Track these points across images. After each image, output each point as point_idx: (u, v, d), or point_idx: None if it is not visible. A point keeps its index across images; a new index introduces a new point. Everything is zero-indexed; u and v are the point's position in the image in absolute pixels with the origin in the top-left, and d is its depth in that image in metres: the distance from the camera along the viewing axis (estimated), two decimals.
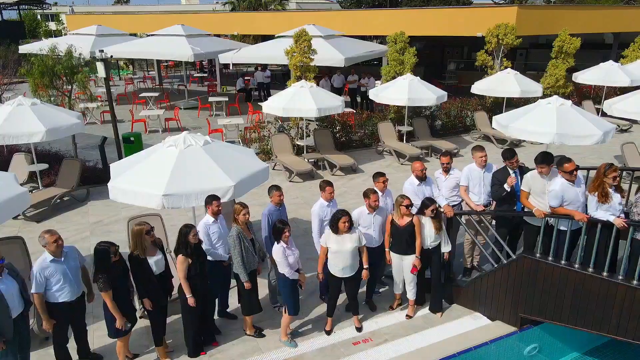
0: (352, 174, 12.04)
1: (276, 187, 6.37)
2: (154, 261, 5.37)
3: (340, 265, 5.70)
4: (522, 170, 6.30)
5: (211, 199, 5.69)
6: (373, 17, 20.44)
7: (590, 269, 5.38)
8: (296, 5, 54.77)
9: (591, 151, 13.53)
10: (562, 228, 5.60)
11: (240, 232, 5.61)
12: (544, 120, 8.76)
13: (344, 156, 12.32)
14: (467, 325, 6.25)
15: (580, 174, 5.86)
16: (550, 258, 5.66)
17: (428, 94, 12.71)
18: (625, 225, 5.08)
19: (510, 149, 6.39)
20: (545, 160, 5.69)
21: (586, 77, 16.19)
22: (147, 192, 5.81)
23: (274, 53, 16.04)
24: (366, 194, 5.96)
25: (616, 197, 5.24)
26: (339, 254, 5.65)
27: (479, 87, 14.79)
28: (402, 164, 12.75)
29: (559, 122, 8.58)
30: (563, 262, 5.57)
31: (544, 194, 5.73)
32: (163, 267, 5.51)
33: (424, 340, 5.97)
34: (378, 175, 6.49)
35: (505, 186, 6.07)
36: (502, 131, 9.57)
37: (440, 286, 6.34)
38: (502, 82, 14.35)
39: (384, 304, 6.62)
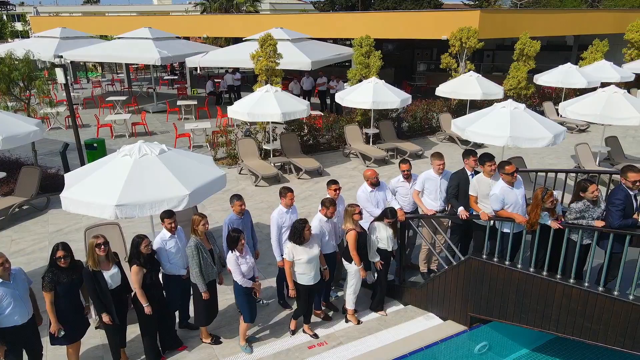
0: (318, 177, 12.17)
1: (237, 197, 6.42)
2: (109, 275, 5.30)
3: (312, 273, 5.75)
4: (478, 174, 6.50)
5: (163, 216, 5.68)
6: (342, 20, 20.63)
7: (532, 269, 5.64)
8: (270, 5, 54.67)
9: (550, 151, 14.01)
10: (505, 230, 5.84)
11: (199, 243, 5.64)
12: (498, 124, 9.06)
13: (310, 159, 12.44)
14: (420, 325, 6.45)
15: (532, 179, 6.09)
16: (495, 259, 5.90)
17: (392, 97, 12.95)
18: (561, 227, 5.33)
19: (469, 150, 6.59)
20: (492, 158, 5.93)
21: (546, 79, 16.72)
22: (99, 203, 5.80)
23: (241, 56, 16.02)
24: (324, 204, 6.04)
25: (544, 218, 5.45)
26: (312, 262, 5.69)
27: (443, 90, 15.13)
28: (367, 166, 12.95)
29: (512, 126, 8.88)
30: (507, 262, 5.82)
31: (490, 196, 5.95)
32: (119, 281, 5.44)
33: (377, 341, 6.12)
34: (331, 182, 6.59)
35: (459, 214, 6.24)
36: (460, 134, 9.85)
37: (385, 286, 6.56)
38: (464, 84, 14.72)
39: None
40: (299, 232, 5.51)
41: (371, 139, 14.04)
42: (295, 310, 6.18)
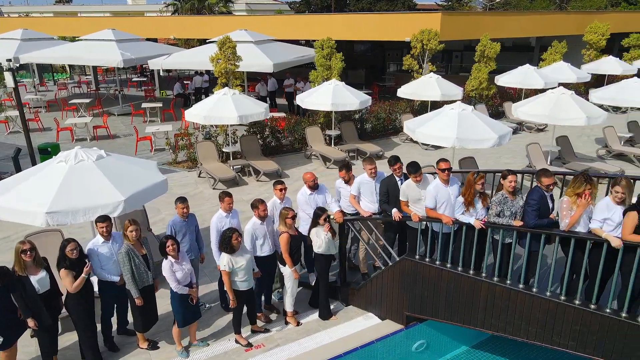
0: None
1: (181, 199, 6.45)
2: (36, 280, 5.32)
3: (247, 277, 5.82)
4: (407, 178, 6.63)
5: (97, 220, 5.68)
6: (307, 21, 20.71)
7: (460, 268, 5.81)
8: (246, 5, 54.41)
9: (506, 150, 14.34)
10: (435, 229, 5.99)
11: (130, 249, 5.64)
12: (446, 125, 9.25)
13: (269, 162, 12.48)
14: (359, 325, 6.55)
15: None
16: (427, 259, 6.05)
17: (351, 99, 13.06)
18: (484, 226, 5.50)
19: (394, 157, 6.73)
20: (418, 169, 6.07)
21: (506, 79, 17.07)
22: (30, 210, 5.73)
23: (204, 58, 15.93)
24: (254, 205, 6.11)
25: (478, 205, 5.63)
26: (249, 265, 5.77)
27: (405, 91, 15.31)
28: (327, 167, 13.05)
29: (460, 127, 9.07)
30: (437, 262, 5.97)
31: (420, 200, 6.10)
32: (47, 285, 5.45)
33: (315, 342, 6.21)
34: (277, 183, 6.71)
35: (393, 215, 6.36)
36: (411, 135, 10.02)
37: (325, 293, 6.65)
38: (425, 86, 14.92)
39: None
40: (227, 242, 5.56)
41: (332, 141, 14.15)
42: (234, 325, 6.14)
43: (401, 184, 6.41)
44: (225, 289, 5.87)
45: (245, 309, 6.17)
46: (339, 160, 13.08)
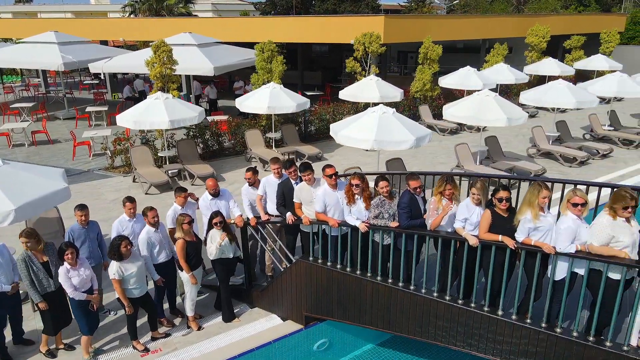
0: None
1: (79, 207, 6.45)
2: None
3: (140, 284, 5.88)
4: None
5: None
6: (253, 24, 20.76)
7: (348, 269, 6.00)
8: (212, 6, 53.98)
9: (444, 150, 14.75)
10: (327, 232, 6.16)
11: (27, 256, 5.64)
12: (366, 128, 9.46)
13: (204, 165, 12.49)
14: (260, 326, 6.68)
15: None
16: (319, 260, 6.22)
17: (288, 102, 13.20)
18: (367, 228, 5.69)
19: (289, 160, 6.90)
20: (308, 167, 6.24)
21: (447, 81, 17.51)
22: None
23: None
24: (144, 213, 6.17)
25: (361, 204, 5.81)
26: (139, 273, 5.83)
27: (346, 93, 15.54)
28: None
29: (379, 130, 9.30)
30: (328, 263, 6.14)
31: (312, 202, 6.26)
32: None
33: (214, 345, 6.30)
34: (180, 190, 6.79)
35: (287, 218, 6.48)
36: (335, 138, 10.20)
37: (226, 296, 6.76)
38: (365, 88, 15.18)
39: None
40: (115, 249, 5.60)
41: (274, 143, 14.25)
42: (129, 331, 6.17)
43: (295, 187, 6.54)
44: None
45: (146, 315, 6.24)
46: None
